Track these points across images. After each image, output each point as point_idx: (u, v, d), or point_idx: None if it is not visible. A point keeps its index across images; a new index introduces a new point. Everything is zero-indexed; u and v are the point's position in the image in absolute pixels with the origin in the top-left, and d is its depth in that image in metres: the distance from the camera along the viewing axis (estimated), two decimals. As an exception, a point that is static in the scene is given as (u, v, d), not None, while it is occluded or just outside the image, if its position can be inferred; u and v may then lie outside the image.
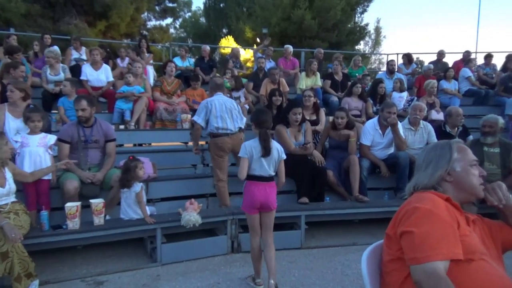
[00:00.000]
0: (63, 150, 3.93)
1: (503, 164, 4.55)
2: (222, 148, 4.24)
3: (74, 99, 4.10)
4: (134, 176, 3.61)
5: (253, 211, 3.08)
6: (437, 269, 1.29)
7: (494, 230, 1.63)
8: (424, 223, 1.39)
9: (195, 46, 20.72)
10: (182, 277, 3.35)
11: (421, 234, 1.36)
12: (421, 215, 1.41)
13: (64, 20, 15.55)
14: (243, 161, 3.03)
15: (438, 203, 1.45)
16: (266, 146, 3.01)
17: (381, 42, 26.36)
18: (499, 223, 1.68)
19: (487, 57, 9.24)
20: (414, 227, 1.39)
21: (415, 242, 1.36)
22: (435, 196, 1.50)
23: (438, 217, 1.39)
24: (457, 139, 1.95)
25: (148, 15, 21.37)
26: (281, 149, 3.15)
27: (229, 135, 4.24)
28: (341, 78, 7.83)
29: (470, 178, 1.60)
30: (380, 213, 4.33)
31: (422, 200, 1.48)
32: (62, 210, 3.44)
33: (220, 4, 25.73)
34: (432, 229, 1.36)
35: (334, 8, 17.38)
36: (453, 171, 1.61)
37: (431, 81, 7.01)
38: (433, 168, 1.63)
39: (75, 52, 7.54)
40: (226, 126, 4.23)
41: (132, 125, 5.85)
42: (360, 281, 3.21)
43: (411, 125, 5.16)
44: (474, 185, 1.60)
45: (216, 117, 4.21)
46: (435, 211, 1.40)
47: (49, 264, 3.54)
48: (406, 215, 1.45)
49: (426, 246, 1.33)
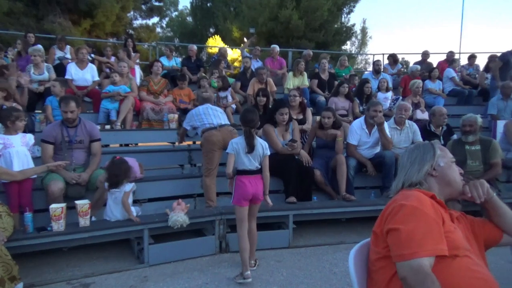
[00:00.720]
0: (47, 151, 3.87)
1: (484, 161, 4.68)
2: (212, 141, 4.34)
3: (62, 101, 3.99)
4: (122, 175, 3.58)
5: (244, 203, 3.30)
6: (423, 265, 1.31)
7: (477, 227, 1.67)
8: (410, 220, 1.41)
9: (182, 46, 20.60)
10: (170, 278, 3.33)
11: (407, 231, 1.38)
12: (407, 212, 1.43)
13: (48, 18, 15.26)
14: (229, 156, 3.31)
15: (423, 200, 1.48)
16: (250, 144, 3.28)
17: (367, 42, 26.60)
18: (482, 220, 1.72)
19: (471, 57, 9.43)
20: (401, 224, 1.41)
21: (401, 239, 1.38)
22: (420, 194, 1.53)
23: (424, 214, 1.42)
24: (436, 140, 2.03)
25: (134, 14, 21.13)
26: (265, 145, 3.40)
27: (217, 128, 4.41)
28: (328, 77, 7.88)
29: (454, 173, 1.68)
30: (367, 211, 4.38)
31: (408, 197, 1.50)
32: (46, 211, 3.38)
33: (207, 4, 25.61)
34: (418, 225, 1.39)
35: (321, 9, 17.48)
36: (438, 166, 1.68)
37: (416, 81, 7.11)
38: (419, 164, 1.69)
39: (58, 51, 7.42)
40: (211, 121, 4.47)
41: (118, 125, 5.79)
42: (347, 279, 3.23)
43: (397, 124, 5.23)
44: (457, 179, 1.68)
45: (200, 115, 4.53)
46: (421, 208, 1.43)
47: (34, 266, 3.48)
48: (393, 213, 1.47)
49: (412, 243, 1.35)
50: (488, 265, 1.54)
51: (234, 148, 3.28)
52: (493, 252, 1.68)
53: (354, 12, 21.03)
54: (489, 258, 1.62)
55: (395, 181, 1.75)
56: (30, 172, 3.50)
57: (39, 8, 15.37)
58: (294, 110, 5.46)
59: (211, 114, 4.53)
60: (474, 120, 4.69)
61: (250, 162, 3.29)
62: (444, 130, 5.47)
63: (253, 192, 3.28)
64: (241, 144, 3.29)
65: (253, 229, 3.47)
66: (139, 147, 6.21)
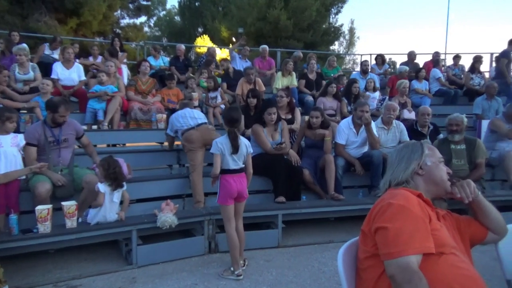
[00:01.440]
0: (31, 154, 3.77)
1: (469, 160, 4.77)
2: (191, 140, 4.47)
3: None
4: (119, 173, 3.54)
5: (230, 202, 3.33)
6: (410, 263, 1.33)
7: (463, 225, 1.70)
8: (397, 218, 1.43)
9: (170, 45, 20.47)
10: (158, 279, 3.31)
11: (394, 230, 1.40)
12: (394, 210, 1.45)
13: (33, 17, 15.00)
14: (216, 157, 3.31)
15: (410, 199, 1.50)
16: (235, 145, 3.30)
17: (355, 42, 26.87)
18: (468, 218, 1.76)
19: (455, 57, 9.58)
20: (388, 223, 1.43)
21: (389, 237, 1.40)
22: (407, 192, 1.55)
23: (411, 213, 1.44)
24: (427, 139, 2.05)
25: (122, 13, 20.92)
26: (248, 144, 3.48)
27: (194, 128, 4.54)
28: (315, 77, 7.91)
29: (440, 172, 1.70)
30: (355, 210, 4.42)
31: (395, 196, 1.52)
32: (32, 213, 3.33)
33: (196, 3, 25.52)
34: (405, 224, 1.41)
35: (309, 9, 17.60)
36: (425, 165, 1.70)
37: (403, 81, 7.18)
38: (406, 163, 1.71)
39: (47, 48, 7.29)
40: (189, 123, 4.61)
41: (105, 125, 5.72)
42: (336, 278, 3.26)
43: (384, 124, 5.29)
44: (444, 179, 1.70)
45: (178, 119, 4.66)
46: (408, 207, 1.45)
47: (20, 269, 3.42)
48: (380, 212, 1.49)
49: (400, 241, 1.37)
50: (474, 262, 1.57)
51: (219, 149, 3.29)
52: (478, 249, 1.71)
53: (342, 12, 21.27)
54: (474, 255, 1.65)
55: (383, 179, 1.77)
56: (13, 175, 3.44)
57: (24, 6, 15.10)
58: (283, 110, 5.48)
59: (188, 117, 4.64)
60: (461, 120, 4.78)
61: (234, 162, 3.33)
62: (431, 129, 5.55)
63: (238, 190, 3.32)
64: (226, 144, 3.30)
65: (240, 228, 3.49)
66: (127, 147, 6.16)
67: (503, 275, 1.92)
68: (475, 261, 1.61)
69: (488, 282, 1.46)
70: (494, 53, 9.81)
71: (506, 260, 1.90)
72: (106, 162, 3.56)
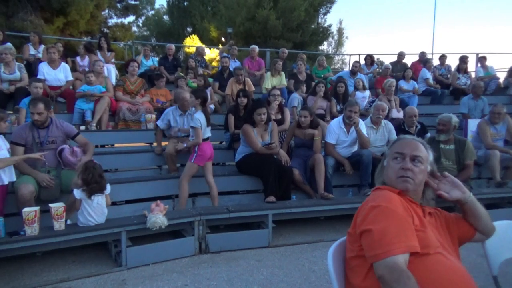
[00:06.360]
0: (17, 153, 3.73)
1: (458, 160, 4.82)
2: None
3: (31, 102, 3.87)
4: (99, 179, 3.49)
5: (203, 162, 4.34)
6: (398, 262, 1.34)
7: (451, 223, 1.70)
8: (380, 220, 1.44)
9: (158, 45, 20.34)
10: (148, 280, 3.29)
11: (378, 231, 1.41)
12: (377, 212, 1.46)
13: (18, 16, 14.73)
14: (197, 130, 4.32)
15: (392, 198, 1.51)
16: (209, 118, 4.46)
17: (343, 43, 27.05)
18: (456, 216, 1.76)
19: (441, 57, 9.73)
20: (372, 225, 1.44)
21: (374, 239, 1.41)
22: (389, 192, 1.56)
23: (394, 213, 1.45)
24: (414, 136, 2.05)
25: (109, 12, 20.70)
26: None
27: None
28: (305, 77, 7.94)
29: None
30: (345, 209, 4.44)
31: (377, 198, 1.54)
32: (18, 215, 3.28)
33: (184, 3, 25.41)
34: (388, 224, 1.42)
35: (298, 9, 17.65)
36: (385, 166, 1.72)
37: (389, 80, 7.22)
38: (381, 164, 1.76)
39: (32, 48, 7.17)
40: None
41: (93, 126, 5.65)
42: (326, 276, 3.28)
43: (373, 124, 5.34)
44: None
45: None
46: (390, 207, 1.46)
47: (7, 272, 3.37)
48: (364, 214, 1.50)
49: (385, 242, 1.38)
50: (462, 260, 1.59)
51: (202, 123, 4.32)
52: (465, 246, 1.73)
53: (330, 13, 21.36)
54: (461, 253, 1.67)
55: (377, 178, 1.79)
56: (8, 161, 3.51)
57: (9, 5, 14.82)
58: (273, 110, 5.49)
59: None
60: (448, 120, 4.82)
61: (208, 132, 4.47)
62: (418, 128, 5.62)
63: (211, 153, 4.45)
64: (202, 119, 4.34)
65: (214, 184, 4.42)
66: (116, 148, 6.10)
67: (489, 272, 1.96)
68: (463, 258, 1.63)
69: (476, 278, 1.48)
70: (480, 54, 9.98)
71: (492, 257, 1.93)
72: (84, 167, 3.47)
